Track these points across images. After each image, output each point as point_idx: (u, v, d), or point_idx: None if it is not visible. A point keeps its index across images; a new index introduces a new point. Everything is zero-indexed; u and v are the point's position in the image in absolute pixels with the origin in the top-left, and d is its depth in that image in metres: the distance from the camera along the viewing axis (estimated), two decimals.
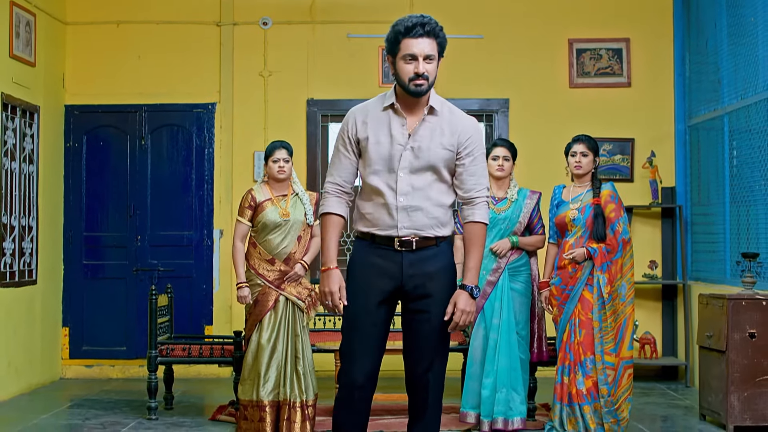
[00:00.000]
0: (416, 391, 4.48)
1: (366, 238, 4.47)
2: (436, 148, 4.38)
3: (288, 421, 6.65)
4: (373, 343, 4.44)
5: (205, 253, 9.72)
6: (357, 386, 4.43)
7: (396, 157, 4.37)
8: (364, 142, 4.43)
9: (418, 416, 4.50)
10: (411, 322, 4.46)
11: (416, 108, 4.42)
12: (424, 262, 4.40)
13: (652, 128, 9.69)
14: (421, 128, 4.40)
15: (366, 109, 4.51)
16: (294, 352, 6.76)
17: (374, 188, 4.41)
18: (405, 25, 4.32)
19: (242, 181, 9.65)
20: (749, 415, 6.89)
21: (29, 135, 8.85)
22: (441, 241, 4.45)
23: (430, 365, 4.43)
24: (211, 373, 9.66)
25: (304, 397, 6.70)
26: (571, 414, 6.64)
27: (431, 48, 4.33)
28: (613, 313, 6.59)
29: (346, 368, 4.46)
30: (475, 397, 6.84)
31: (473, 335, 6.91)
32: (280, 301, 6.80)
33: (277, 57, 9.84)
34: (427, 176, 4.39)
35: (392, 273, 4.40)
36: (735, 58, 8.39)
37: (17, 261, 8.57)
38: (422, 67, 4.31)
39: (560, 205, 6.91)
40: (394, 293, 4.44)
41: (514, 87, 9.80)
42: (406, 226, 4.38)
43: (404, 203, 4.37)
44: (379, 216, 4.41)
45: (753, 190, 7.99)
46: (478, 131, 4.50)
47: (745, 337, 6.91)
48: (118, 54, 9.83)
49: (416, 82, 4.32)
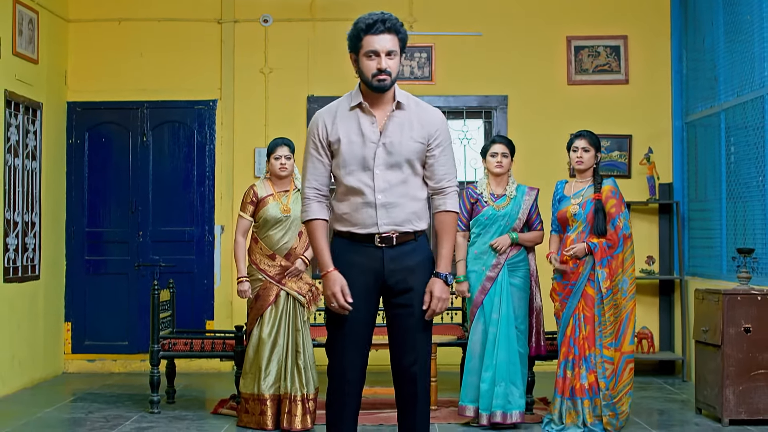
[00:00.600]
0: (404, 383, 4.54)
1: (345, 237, 4.52)
2: (408, 142, 4.44)
3: (289, 414, 6.74)
4: (359, 339, 4.50)
5: (206, 249, 9.80)
6: (346, 380, 4.50)
7: (370, 155, 4.42)
8: (336, 144, 4.46)
9: (407, 409, 4.56)
10: (395, 316, 4.52)
11: (383, 104, 4.47)
12: (404, 257, 4.46)
13: (650, 125, 9.77)
14: (390, 124, 4.45)
15: (333, 110, 4.53)
16: (295, 346, 6.85)
17: (351, 188, 4.45)
18: (366, 22, 4.38)
19: (243, 177, 9.73)
20: (744, 409, 6.97)
21: (32, 132, 8.92)
22: (419, 235, 4.51)
23: (415, 358, 4.49)
24: (212, 368, 9.74)
25: (305, 390, 6.79)
26: (571, 408, 6.72)
27: (393, 44, 4.38)
28: (613, 307, 6.67)
29: (335, 364, 4.53)
30: (474, 390, 6.93)
31: (472, 330, 7.00)
32: (281, 296, 6.89)
33: (278, 54, 9.92)
34: (403, 171, 4.45)
35: (374, 269, 4.46)
36: (731, 55, 8.46)
37: (20, 256, 8.65)
38: (384, 62, 4.36)
39: (562, 200, 6.99)
40: (377, 289, 4.50)
41: (513, 84, 9.87)
42: (386, 223, 4.43)
43: (383, 200, 4.42)
44: (357, 215, 4.46)
45: (749, 186, 8.07)
46: (445, 123, 4.56)
47: (741, 332, 6.99)
48: (119, 51, 9.91)
49: (379, 78, 4.37)
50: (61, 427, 7.12)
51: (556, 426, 6.75)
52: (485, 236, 7.03)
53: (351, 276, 4.46)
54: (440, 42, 9.88)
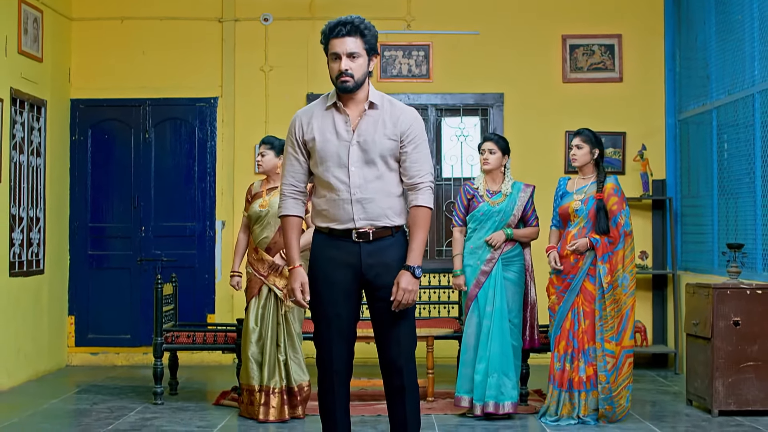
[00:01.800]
0: (391, 376, 4.69)
1: (324, 232, 4.69)
2: (381, 140, 4.59)
3: (265, 406, 6.95)
4: (343, 331, 4.66)
5: (207, 244, 9.96)
6: (333, 371, 4.67)
7: (344, 152, 4.58)
8: (311, 142, 4.63)
9: (396, 400, 4.71)
10: (376, 310, 4.68)
11: (357, 104, 4.64)
12: (381, 252, 4.61)
13: (643, 122, 9.93)
14: (363, 123, 4.61)
15: (310, 110, 4.70)
16: (275, 339, 7.04)
17: (328, 184, 4.61)
18: (329, 26, 4.56)
19: (243, 173, 9.89)
20: (733, 400, 7.14)
21: (36, 128, 9.08)
22: (396, 231, 4.65)
23: (400, 351, 4.64)
24: (213, 360, 9.91)
25: (283, 383, 6.98)
26: (567, 400, 6.89)
27: (355, 46, 4.53)
28: (613, 302, 6.82)
29: (322, 356, 4.70)
30: (469, 382, 7.09)
31: (467, 322, 7.16)
32: (264, 289, 7.08)
33: (278, 52, 10.07)
34: (377, 168, 4.60)
35: (352, 264, 4.62)
36: (723, 54, 8.62)
37: (25, 251, 8.81)
38: (345, 64, 4.52)
39: (564, 195, 7.14)
40: (357, 282, 4.65)
41: (509, 82, 10.02)
42: (362, 218, 4.59)
43: (358, 196, 4.58)
44: (335, 211, 4.62)
45: (740, 183, 8.23)
46: (419, 120, 4.70)
47: (730, 325, 7.15)
48: (122, 49, 10.06)
49: (341, 79, 4.54)
50: (67, 417, 7.29)
51: (552, 417, 6.91)
52: (480, 231, 7.20)
53: (331, 270, 4.63)
54: (437, 40, 10.03)
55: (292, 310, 7.07)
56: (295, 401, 7.04)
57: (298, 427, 6.86)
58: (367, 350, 7.19)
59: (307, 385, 7.09)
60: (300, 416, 7.04)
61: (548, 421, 6.89)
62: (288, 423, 6.94)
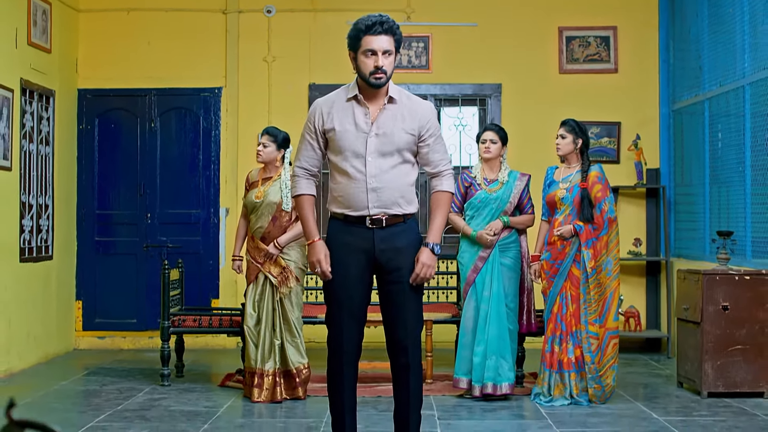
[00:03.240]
0: (397, 355, 4.93)
1: (339, 218, 4.92)
2: (399, 133, 4.82)
3: (258, 387, 7.19)
4: (355, 313, 4.89)
5: (211, 231, 10.19)
6: (344, 351, 4.90)
7: (362, 143, 4.80)
8: (331, 132, 4.84)
9: (401, 379, 4.95)
10: (387, 293, 4.91)
11: (377, 98, 4.86)
12: (393, 238, 4.84)
13: (638, 112, 10.14)
14: (382, 116, 4.83)
15: (331, 101, 4.92)
16: (272, 324, 7.28)
17: (345, 173, 4.83)
18: (366, 23, 4.76)
19: (247, 161, 10.10)
20: (722, 382, 7.37)
21: (45, 118, 9.30)
22: (408, 218, 4.89)
23: (407, 331, 4.89)
24: (217, 344, 10.14)
25: (277, 367, 7.22)
26: (559, 380, 7.14)
27: (389, 44, 4.77)
28: (597, 286, 7.07)
29: (334, 337, 4.93)
30: (467, 364, 7.33)
31: (465, 307, 7.40)
32: (260, 276, 7.32)
33: (281, 43, 10.28)
34: (393, 159, 4.83)
35: (365, 249, 4.84)
36: (715, 46, 8.83)
37: (35, 237, 9.04)
38: (381, 61, 4.76)
39: (551, 184, 7.38)
40: (370, 267, 4.89)
41: (507, 72, 10.23)
42: (376, 206, 4.81)
43: (373, 185, 4.80)
44: (350, 198, 4.84)
45: (730, 172, 8.46)
46: (434, 113, 4.97)
47: (719, 310, 7.38)
48: (128, 40, 10.27)
49: (376, 75, 4.76)
50: (78, 397, 7.52)
51: (545, 398, 7.16)
52: (477, 218, 7.43)
53: (345, 255, 4.86)
54: (437, 32, 10.24)
55: (289, 295, 7.29)
56: (294, 383, 7.28)
57: (299, 407, 7.09)
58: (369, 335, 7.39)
59: (305, 367, 7.32)
60: (301, 397, 7.27)
61: (542, 402, 7.13)
62: (284, 403, 7.18)
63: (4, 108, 8.25)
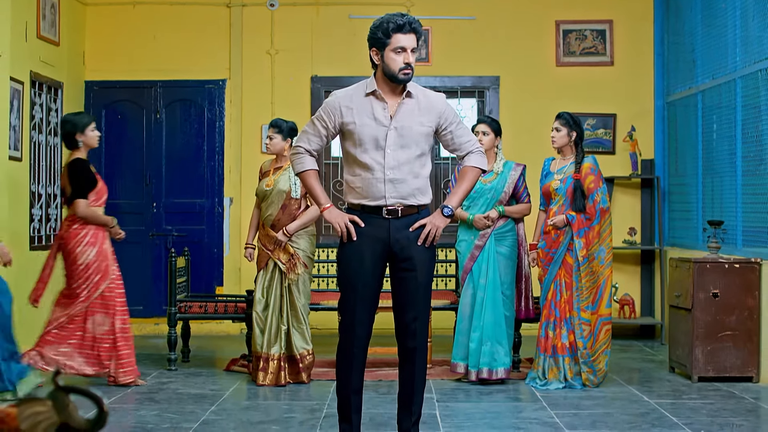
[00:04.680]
0: (405, 338, 5.18)
1: (356, 209, 5.16)
2: (417, 127, 5.07)
3: (263, 371, 7.44)
4: (368, 299, 5.14)
5: (216, 220, 10.40)
6: (356, 335, 5.14)
7: (382, 136, 5.05)
8: (351, 125, 5.09)
9: (408, 360, 5.21)
10: (399, 279, 5.15)
11: (394, 93, 5.11)
12: (408, 228, 5.10)
13: (633, 104, 10.34)
14: (400, 110, 5.08)
15: (349, 95, 5.16)
16: (279, 310, 7.52)
17: (364, 164, 5.08)
18: (397, 22, 5.00)
19: (250, 152, 10.33)
20: (712, 367, 7.60)
21: (54, 109, 9.52)
22: (422, 209, 5.14)
23: (416, 315, 5.14)
24: (221, 331, 10.37)
25: (282, 351, 7.46)
26: (553, 365, 7.37)
27: (415, 42, 5.05)
28: (589, 274, 7.30)
29: (346, 320, 5.17)
30: (464, 349, 7.56)
31: (462, 294, 7.62)
32: (270, 263, 7.55)
33: (284, 36, 10.47)
34: (411, 151, 5.07)
35: (381, 237, 5.09)
36: (708, 40, 9.04)
37: (44, 226, 9.26)
38: (410, 58, 5.01)
39: (547, 175, 7.61)
40: (384, 255, 5.13)
41: (505, 65, 10.43)
42: (393, 197, 5.06)
43: (391, 176, 5.05)
44: (368, 189, 5.09)
45: (722, 162, 8.67)
46: (448, 103, 5.24)
47: (709, 297, 7.60)
48: (134, 33, 10.47)
49: (405, 71, 5.01)
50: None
51: (540, 381, 7.39)
52: (473, 208, 7.64)
53: (361, 243, 5.11)
54: (436, 25, 10.44)
55: (297, 282, 7.52)
56: (298, 368, 7.51)
57: (303, 390, 7.32)
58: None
59: (309, 353, 7.54)
60: (304, 381, 7.50)
61: (537, 385, 7.36)
62: (288, 386, 7.41)
63: (15, 100, 8.46)
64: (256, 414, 6.48)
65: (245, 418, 6.34)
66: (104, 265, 7.43)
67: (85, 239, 7.42)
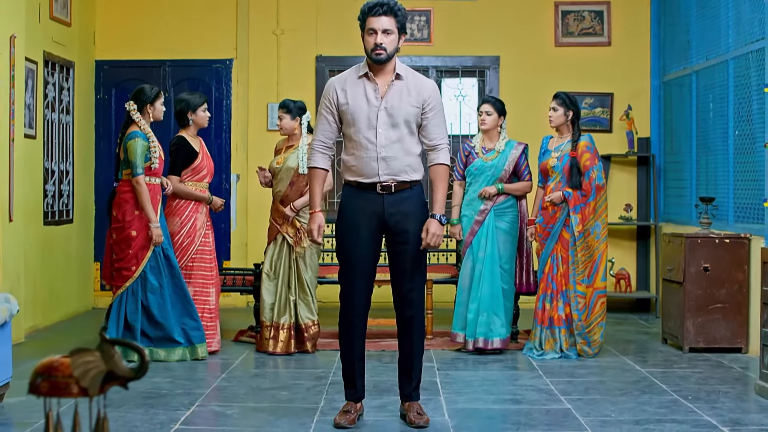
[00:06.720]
0: (402, 307, 5.49)
1: (352, 185, 5.46)
2: (406, 107, 5.35)
3: (274, 339, 7.76)
4: (366, 271, 5.45)
5: (223, 196, 10.59)
6: (355, 304, 5.46)
7: (373, 116, 5.34)
8: (344, 106, 5.39)
9: (406, 328, 5.51)
10: (395, 252, 5.46)
11: (385, 75, 5.39)
12: (401, 203, 5.39)
13: (630, 84, 10.58)
14: (390, 91, 5.37)
15: (344, 79, 5.46)
16: (288, 282, 7.82)
17: (358, 143, 5.37)
18: (368, 6, 5.32)
19: (257, 130, 10.60)
20: (702, 338, 7.88)
21: (66, 88, 9.78)
22: (414, 184, 5.42)
23: (412, 286, 5.45)
24: (228, 304, 10.63)
25: (292, 321, 7.77)
26: (549, 336, 7.67)
27: (389, 24, 5.30)
28: (585, 248, 7.58)
29: (346, 291, 5.49)
30: (463, 320, 7.85)
31: (462, 266, 7.91)
32: (279, 236, 7.85)
33: (289, 17, 10.71)
34: (400, 130, 5.36)
35: (376, 212, 5.39)
36: (702, 22, 9.26)
37: (57, 202, 9.55)
38: (380, 38, 5.28)
39: (545, 153, 7.87)
40: (379, 229, 5.44)
41: (505, 45, 10.67)
42: (386, 173, 5.35)
43: (383, 154, 5.34)
44: (362, 166, 5.38)
45: (715, 141, 8.92)
46: (437, 90, 5.49)
47: (700, 271, 7.87)
48: (143, 14, 10.71)
49: (376, 52, 5.30)
50: None
51: (537, 352, 7.69)
52: (475, 185, 7.91)
53: (358, 218, 5.41)
54: (438, 6, 10.67)
55: (304, 256, 7.81)
56: (303, 337, 7.82)
57: (309, 359, 7.63)
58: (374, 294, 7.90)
59: (313, 324, 7.85)
60: (309, 350, 7.81)
61: (534, 355, 7.66)
62: (295, 355, 7.72)
63: (29, 80, 8.72)
64: (265, 381, 6.79)
65: (255, 384, 6.65)
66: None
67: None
